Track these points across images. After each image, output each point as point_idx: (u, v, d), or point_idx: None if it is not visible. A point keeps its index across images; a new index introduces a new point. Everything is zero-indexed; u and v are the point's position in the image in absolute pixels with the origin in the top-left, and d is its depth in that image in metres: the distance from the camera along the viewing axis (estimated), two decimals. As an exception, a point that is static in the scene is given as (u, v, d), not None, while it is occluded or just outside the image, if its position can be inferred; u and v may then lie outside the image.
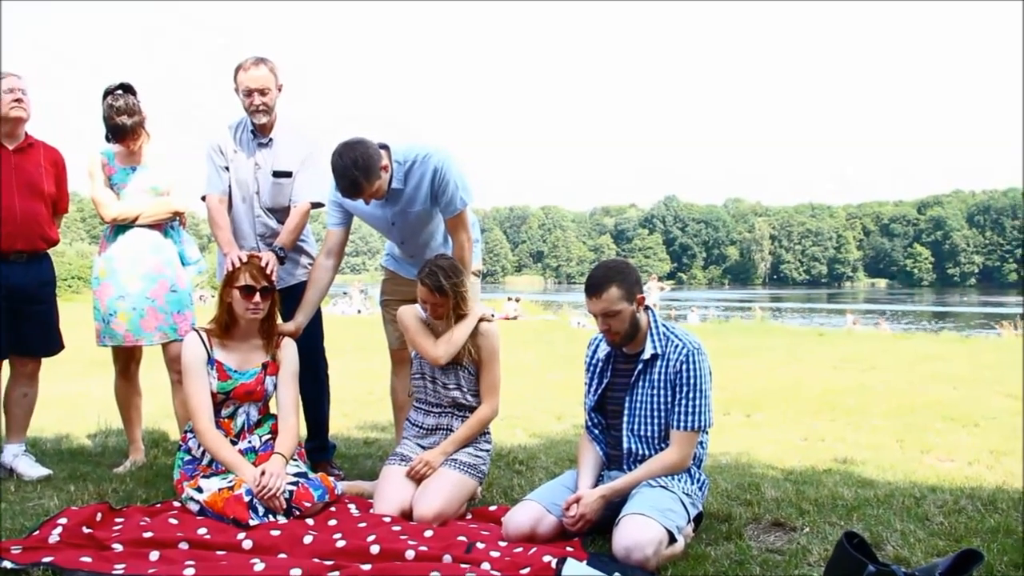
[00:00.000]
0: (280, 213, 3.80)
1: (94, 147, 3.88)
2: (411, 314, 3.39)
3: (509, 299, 25.30)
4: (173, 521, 2.94)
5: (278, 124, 3.77)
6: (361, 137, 3.24)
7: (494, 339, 3.39)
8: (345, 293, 28.27)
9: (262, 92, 3.64)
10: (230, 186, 3.76)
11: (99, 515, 2.93)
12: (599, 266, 2.93)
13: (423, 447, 3.36)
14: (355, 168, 3.13)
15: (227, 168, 3.75)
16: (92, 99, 3.87)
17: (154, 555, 2.63)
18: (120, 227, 3.84)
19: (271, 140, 3.76)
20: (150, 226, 3.85)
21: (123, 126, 3.70)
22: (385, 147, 3.30)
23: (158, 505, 3.17)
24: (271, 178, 3.75)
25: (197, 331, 3.35)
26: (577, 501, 2.82)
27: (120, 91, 3.74)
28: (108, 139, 3.81)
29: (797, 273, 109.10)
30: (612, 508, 2.84)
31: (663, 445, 2.93)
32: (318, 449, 3.97)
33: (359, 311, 24.58)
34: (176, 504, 3.16)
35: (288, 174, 3.76)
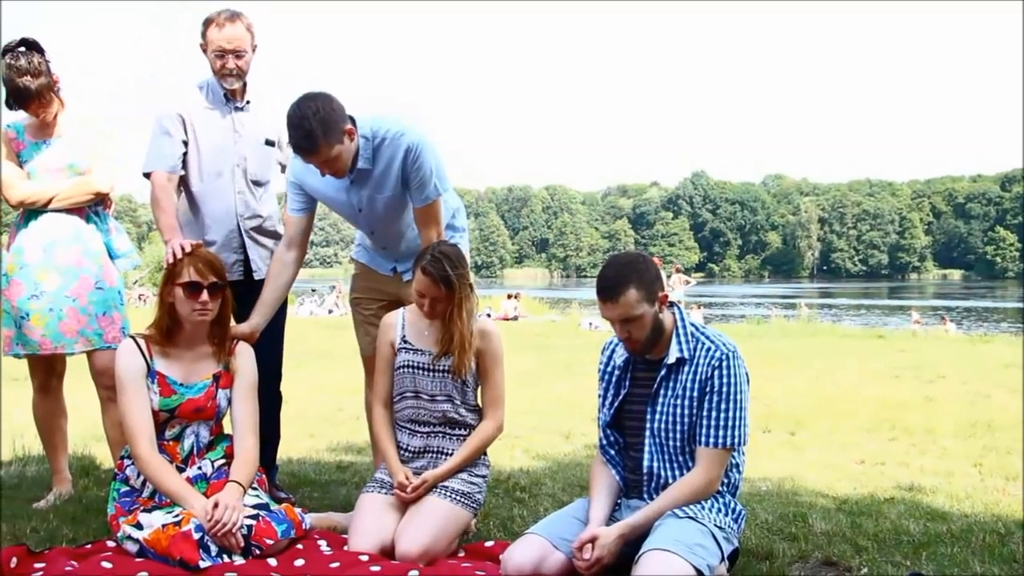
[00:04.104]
0: (261, 188, 3.91)
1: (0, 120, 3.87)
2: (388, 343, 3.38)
3: (509, 296, 25.35)
4: (107, 565, 2.93)
5: (249, 88, 3.85)
6: (326, 91, 3.24)
7: (497, 341, 3.39)
8: (313, 290, 28.41)
9: (238, 54, 3.68)
10: (186, 163, 3.78)
11: (14, 560, 2.91)
12: (611, 263, 2.96)
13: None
14: (313, 118, 3.12)
15: (185, 143, 3.77)
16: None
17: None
18: (31, 212, 3.81)
19: (248, 103, 3.85)
20: (67, 211, 3.82)
21: (26, 89, 3.65)
22: (351, 119, 3.31)
23: (88, 546, 3.17)
24: (261, 146, 3.85)
25: (134, 338, 3.34)
26: (592, 541, 2.81)
27: (22, 49, 3.67)
28: (10, 106, 3.77)
29: (852, 263, 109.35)
30: (631, 543, 2.84)
31: (691, 466, 2.94)
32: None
33: (330, 311, 24.68)
34: (111, 544, 3.16)
35: (274, 143, 3.90)
